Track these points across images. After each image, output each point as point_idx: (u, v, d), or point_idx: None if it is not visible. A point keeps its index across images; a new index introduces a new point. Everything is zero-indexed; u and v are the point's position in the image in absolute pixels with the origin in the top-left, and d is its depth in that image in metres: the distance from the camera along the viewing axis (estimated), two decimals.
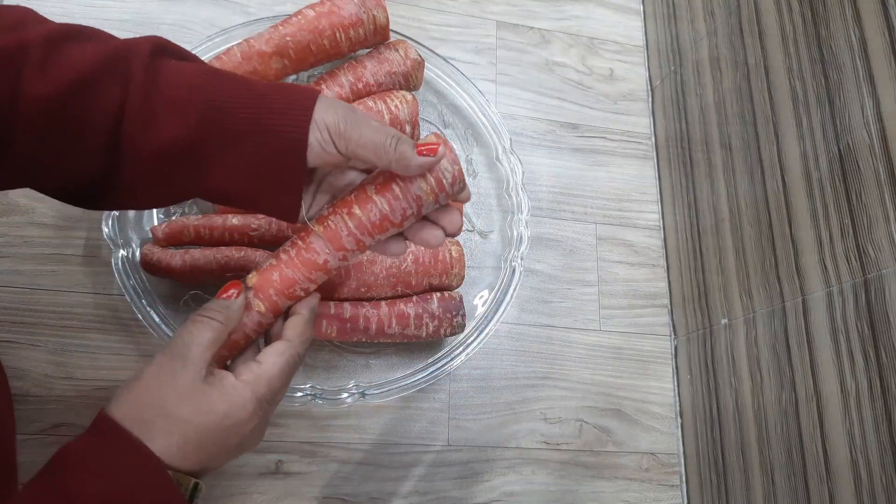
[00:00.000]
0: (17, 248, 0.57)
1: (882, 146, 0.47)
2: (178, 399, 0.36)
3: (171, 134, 0.37)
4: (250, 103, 0.38)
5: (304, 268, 0.43)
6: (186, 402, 0.37)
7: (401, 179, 0.42)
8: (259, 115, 0.38)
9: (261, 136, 0.38)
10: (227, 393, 0.38)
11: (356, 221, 0.42)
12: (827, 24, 0.53)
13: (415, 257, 0.59)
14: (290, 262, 0.43)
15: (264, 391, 0.39)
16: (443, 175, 0.42)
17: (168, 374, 0.37)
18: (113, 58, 0.37)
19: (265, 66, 0.59)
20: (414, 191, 0.42)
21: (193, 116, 0.37)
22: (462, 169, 0.43)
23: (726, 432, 0.61)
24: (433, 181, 0.42)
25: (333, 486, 0.58)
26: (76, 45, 0.37)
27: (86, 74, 0.36)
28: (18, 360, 0.55)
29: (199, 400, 0.37)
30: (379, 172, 0.43)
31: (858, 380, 0.47)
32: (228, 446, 0.38)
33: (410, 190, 0.42)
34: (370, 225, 0.42)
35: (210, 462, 0.38)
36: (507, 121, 0.73)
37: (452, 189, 0.43)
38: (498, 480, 0.62)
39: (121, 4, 0.66)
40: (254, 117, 0.38)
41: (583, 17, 0.81)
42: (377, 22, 0.62)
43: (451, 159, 0.42)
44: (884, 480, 0.45)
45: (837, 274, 0.50)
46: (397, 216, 0.42)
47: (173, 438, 0.36)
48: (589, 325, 0.69)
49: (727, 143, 0.65)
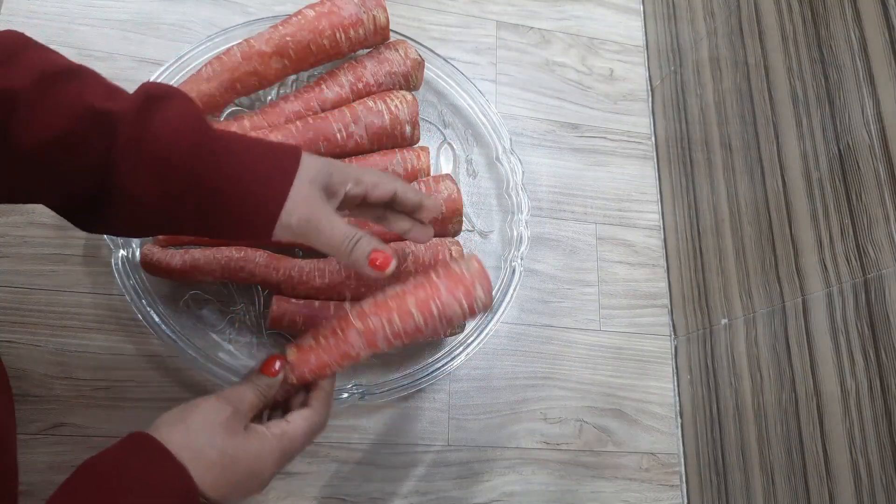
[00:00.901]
0: (16, 248, 0.57)
1: (882, 146, 0.47)
2: (223, 438, 0.41)
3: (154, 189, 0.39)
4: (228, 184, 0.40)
5: (339, 356, 0.48)
6: (231, 441, 0.41)
7: (439, 299, 0.48)
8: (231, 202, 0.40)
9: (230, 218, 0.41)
10: (260, 441, 0.43)
11: (393, 329, 0.48)
12: (827, 24, 0.53)
13: (415, 257, 0.59)
14: (327, 348, 0.48)
15: (287, 445, 0.44)
16: (476, 303, 0.49)
17: (221, 416, 0.42)
18: (100, 110, 0.38)
19: (265, 66, 0.59)
20: (449, 313, 0.48)
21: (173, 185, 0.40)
22: (492, 295, 0.51)
23: (726, 432, 0.61)
24: (466, 307, 0.49)
25: (333, 486, 0.58)
26: (64, 92, 0.37)
27: (73, 127, 0.37)
28: (18, 360, 0.55)
29: (241, 443, 0.42)
30: (420, 284, 0.49)
31: (858, 380, 0.47)
32: (247, 486, 0.42)
33: (446, 312, 0.48)
34: (404, 333, 0.48)
35: (230, 497, 0.41)
36: (507, 121, 0.73)
37: (481, 313, 0.51)
38: (498, 480, 0.62)
39: (121, 4, 0.66)
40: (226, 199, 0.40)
41: (583, 17, 0.81)
42: (377, 22, 0.62)
43: (486, 289, 0.49)
44: (884, 480, 0.45)
45: (837, 274, 0.50)
46: (428, 330, 0.49)
47: (215, 470, 0.40)
48: (589, 325, 0.69)
49: (727, 143, 0.65)
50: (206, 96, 0.58)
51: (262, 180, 0.41)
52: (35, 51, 0.38)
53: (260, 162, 0.41)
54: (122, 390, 0.56)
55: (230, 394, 0.44)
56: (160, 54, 0.65)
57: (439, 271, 0.51)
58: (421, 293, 0.49)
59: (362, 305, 0.49)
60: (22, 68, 0.36)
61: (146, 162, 0.38)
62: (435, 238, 0.62)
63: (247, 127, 0.59)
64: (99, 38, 0.65)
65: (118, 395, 0.56)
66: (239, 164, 0.40)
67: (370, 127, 0.61)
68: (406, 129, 0.62)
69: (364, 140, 0.61)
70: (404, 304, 0.48)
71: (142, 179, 0.39)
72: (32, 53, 0.38)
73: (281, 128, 0.59)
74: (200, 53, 0.61)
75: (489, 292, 0.50)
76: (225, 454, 0.40)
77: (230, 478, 0.41)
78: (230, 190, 0.40)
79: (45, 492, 0.52)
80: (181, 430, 0.40)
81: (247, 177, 0.40)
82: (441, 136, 0.70)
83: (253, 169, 0.40)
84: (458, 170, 0.69)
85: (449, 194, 0.61)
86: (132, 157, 0.38)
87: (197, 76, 0.59)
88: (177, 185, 0.39)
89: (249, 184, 0.40)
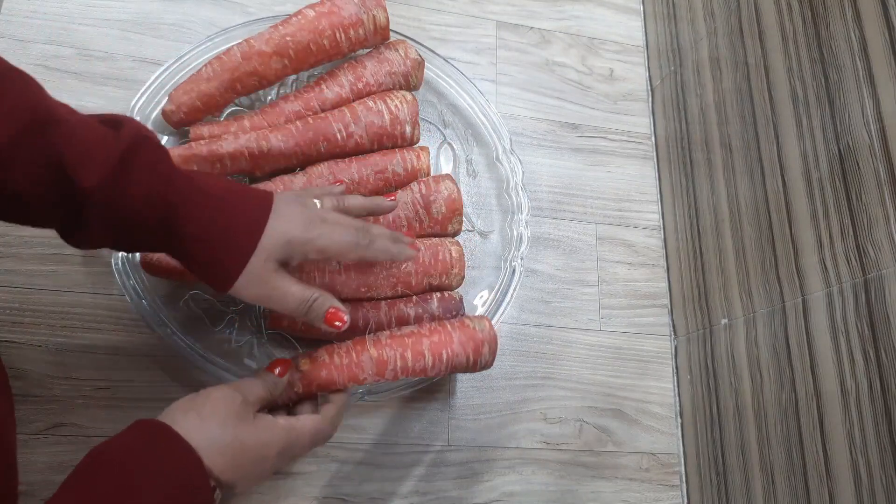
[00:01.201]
0: (16, 248, 0.57)
1: (882, 146, 0.47)
2: (234, 423, 0.42)
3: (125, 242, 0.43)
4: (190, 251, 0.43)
5: (348, 377, 0.51)
6: (242, 428, 0.43)
7: (451, 348, 0.53)
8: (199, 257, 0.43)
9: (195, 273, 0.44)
10: (269, 429, 0.44)
11: (404, 364, 0.52)
12: (827, 24, 0.53)
13: (415, 257, 0.59)
14: (339, 367, 0.51)
15: (294, 439, 0.46)
16: (481, 360, 0.55)
17: (233, 404, 0.43)
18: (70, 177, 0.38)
19: (265, 66, 0.59)
20: (455, 363, 0.54)
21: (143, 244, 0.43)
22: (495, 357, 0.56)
23: (726, 432, 0.61)
24: (472, 362, 0.54)
25: (333, 486, 0.58)
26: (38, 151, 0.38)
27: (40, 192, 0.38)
28: (18, 360, 0.55)
29: (251, 429, 0.43)
30: (436, 330, 0.54)
31: (858, 380, 0.47)
32: (254, 472, 0.44)
33: (453, 361, 0.54)
34: (411, 370, 0.53)
35: (239, 482, 0.43)
36: (507, 121, 0.73)
37: (482, 370, 0.57)
38: (498, 480, 0.62)
39: (121, 4, 0.66)
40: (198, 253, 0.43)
41: (583, 17, 0.81)
42: (377, 22, 0.62)
43: (492, 350, 0.55)
44: (884, 480, 0.45)
45: (837, 274, 0.50)
46: (433, 373, 0.54)
47: (226, 455, 0.41)
48: (589, 325, 0.69)
49: (727, 143, 0.65)
50: (206, 96, 0.58)
51: (217, 262, 0.43)
52: (12, 88, 0.38)
53: (220, 237, 0.42)
54: (122, 390, 0.56)
55: (240, 384, 0.45)
56: (160, 54, 0.65)
57: (454, 324, 0.56)
58: (436, 338, 0.53)
59: (380, 336, 0.53)
60: (7, 115, 0.37)
61: (115, 227, 0.41)
62: (435, 238, 0.62)
63: (247, 127, 0.59)
64: (99, 38, 0.65)
65: (118, 395, 0.56)
66: (200, 238, 0.42)
67: (370, 127, 0.61)
68: (406, 129, 0.62)
69: (364, 140, 0.61)
70: (419, 344, 0.53)
71: (111, 237, 0.42)
72: (10, 94, 0.38)
73: (281, 128, 0.59)
74: (200, 53, 0.61)
75: (494, 354, 0.55)
76: (236, 439, 0.42)
77: (240, 462, 0.42)
78: (192, 257, 0.43)
79: (45, 492, 0.52)
80: (193, 417, 0.41)
81: (204, 255, 0.43)
82: (441, 136, 0.70)
83: (211, 244, 0.42)
84: (458, 170, 0.69)
85: (449, 194, 0.61)
86: (101, 224, 0.40)
87: (197, 76, 0.59)
88: (146, 244, 0.43)
89: (208, 261, 0.43)
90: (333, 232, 0.46)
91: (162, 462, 0.39)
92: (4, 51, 0.62)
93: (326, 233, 0.46)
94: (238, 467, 0.42)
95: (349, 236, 0.47)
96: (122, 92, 0.63)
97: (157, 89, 0.60)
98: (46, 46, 0.63)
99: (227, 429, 0.42)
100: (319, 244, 0.45)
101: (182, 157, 0.56)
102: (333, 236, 0.46)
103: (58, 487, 0.37)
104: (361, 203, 0.52)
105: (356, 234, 0.47)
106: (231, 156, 0.57)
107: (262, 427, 0.44)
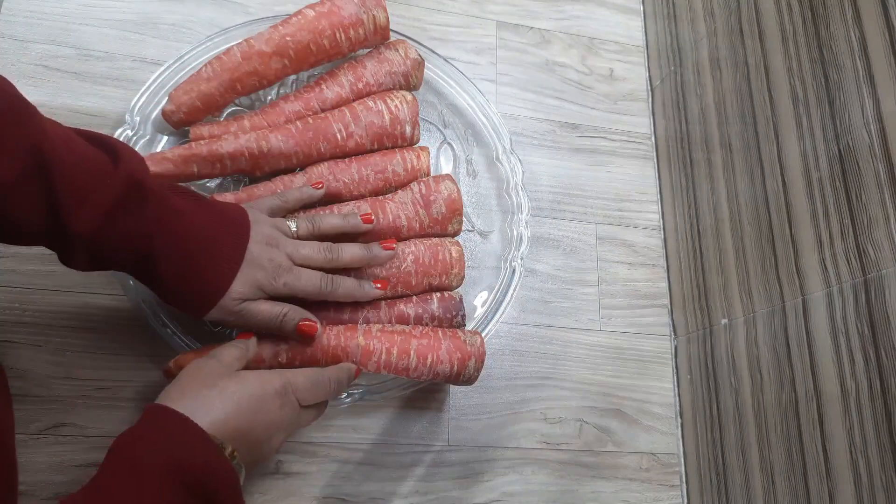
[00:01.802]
0: (17, 248, 0.57)
1: (882, 146, 0.47)
2: (214, 381, 0.44)
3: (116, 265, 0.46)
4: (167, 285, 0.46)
5: (332, 358, 0.53)
6: (222, 381, 0.44)
7: (437, 354, 0.54)
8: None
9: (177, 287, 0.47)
10: (257, 375, 0.45)
11: (388, 359, 0.53)
12: (827, 24, 0.53)
13: (415, 257, 0.59)
14: (326, 347, 0.52)
15: (290, 377, 0.47)
16: (465, 372, 0.56)
17: (204, 369, 0.45)
18: (63, 222, 0.41)
19: (265, 66, 0.59)
20: (438, 370, 0.55)
21: (131, 268, 0.46)
22: (479, 374, 0.57)
23: (726, 432, 0.61)
24: (455, 372, 0.55)
25: (333, 486, 0.58)
26: (36, 192, 0.40)
27: (33, 231, 0.41)
28: (18, 360, 0.55)
29: (233, 379, 0.44)
30: (426, 334, 0.55)
31: (858, 380, 0.47)
32: (259, 423, 0.44)
33: (436, 368, 0.54)
34: (393, 367, 0.54)
35: (246, 435, 0.43)
36: (507, 121, 0.73)
37: (463, 385, 0.59)
38: (498, 480, 0.62)
39: (121, 4, 0.66)
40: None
41: (583, 17, 0.81)
42: (377, 22, 0.62)
43: (477, 366, 0.56)
44: (884, 480, 0.45)
45: (837, 274, 0.50)
46: (414, 375, 0.55)
47: (214, 411, 0.42)
48: (589, 326, 0.69)
49: (727, 143, 0.65)
50: (206, 96, 0.58)
51: (188, 303, 0.47)
52: (14, 125, 0.40)
53: (193, 281, 0.46)
54: (122, 390, 0.56)
55: (212, 351, 0.48)
56: (160, 54, 0.65)
57: (447, 332, 0.56)
58: (424, 341, 0.54)
59: (371, 327, 0.54)
60: (10, 154, 0.39)
61: (99, 263, 0.44)
62: (435, 238, 0.62)
63: (247, 127, 0.59)
64: (99, 38, 0.65)
65: (118, 395, 0.56)
66: (173, 283, 0.46)
67: (370, 127, 0.61)
68: (406, 129, 0.62)
69: (364, 140, 0.61)
70: (407, 343, 0.54)
71: (96, 268, 0.45)
72: (19, 132, 0.39)
73: (281, 128, 0.59)
74: (200, 53, 0.61)
75: (479, 370, 0.56)
76: (219, 393, 0.43)
77: (234, 412, 0.43)
78: (165, 296, 0.47)
79: (45, 492, 0.52)
80: (174, 388, 0.44)
81: (176, 298, 0.47)
82: (441, 136, 0.70)
83: (185, 286, 0.46)
84: (458, 170, 0.69)
85: (449, 194, 0.61)
86: (87, 257, 0.43)
87: (197, 76, 0.59)
88: (131, 270, 0.46)
89: (180, 301, 0.47)
90: (299, 281, 0.50)
91: (154, 433, 0.41)
92: (4, 51, 0.62)
93: (291, 282, 0.50)
94: (239, 417, 0.43)
95: (312, 286, 0.51)
96: (122, 92, 0.63)
97: (157, 89, 0.60)
98: (46, 46, 0.63)
99: (207, 385, 0.43)
100: (284, 292, 0.50)
101: (182, 157, 0.56)
102: (298, 285, 0.50)
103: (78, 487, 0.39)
104: (334, 224, 0.55)
105: (319, 283, 0.52)
106: (231, 156, 0.57)
107: (247, 375, 0.45)
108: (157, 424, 0.41)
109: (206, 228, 0.47)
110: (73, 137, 0.43)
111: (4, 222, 0.40)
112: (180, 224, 0.45)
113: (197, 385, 0.43)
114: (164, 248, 0.44)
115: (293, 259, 0.51)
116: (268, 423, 0.44)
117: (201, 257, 0.46)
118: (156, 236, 0.44)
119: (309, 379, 0.48)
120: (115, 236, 0.43)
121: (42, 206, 0.40)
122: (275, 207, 0.55)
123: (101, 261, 0.44)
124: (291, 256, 0.51)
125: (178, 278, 0.45)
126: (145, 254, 0.44)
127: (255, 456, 0.45)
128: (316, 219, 0.55)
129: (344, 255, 0.53)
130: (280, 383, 0.46)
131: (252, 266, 0.48)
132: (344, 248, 0.54)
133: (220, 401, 0.43)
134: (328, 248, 0.53)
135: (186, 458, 0.39)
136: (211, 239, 0.47)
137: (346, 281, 0.53)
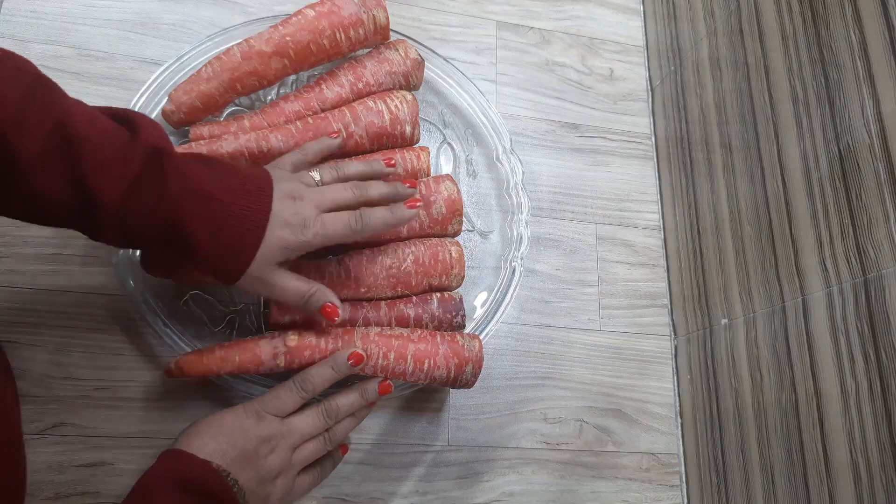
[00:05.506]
0: (17, 248, 0.57)
1: (882, 146, 0.47)
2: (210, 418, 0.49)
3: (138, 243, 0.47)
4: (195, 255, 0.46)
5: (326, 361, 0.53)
6: (214, 418, 0.49)
7: (434, 359, 0.54)
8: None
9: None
10: (236, 409, 0.50)
11: (384, 363, 0.53)
12: (827, 24, 0.53)
13: (415, 257, 0.59)
14: (323, 351, 0.53)
15: (252, 403, 0.50)
16: (461, 377, 0.56)
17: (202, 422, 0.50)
18: (88, 190, 0.41)
19: (265, 66, 0.59)
20: (435, 374, 0.55)
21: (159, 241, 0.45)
22: (477, 379, 0.57)
23: (726, 432, 0.61)
24: (452, 377, 0.55)
25: (333, 486, 0.58)
26: (61, 165, 0.41)
27: (60, 201, 0.41)
28: (19, 360, 0.55)
29: (231, 412, 0.50)
30: (424, 338, 0.55)
31: (858, 380, 0.47)
32: (239, 447, 0.47)
33: (433, 372, 0.54)
34: (390, 371, 0.54)
35: (224, 455, 0.47)
36: (507, 121, 0.73)
37: (460, 389, 0.59)
38: (498, 480, 0.62)
39: (121, 4, 0.66)
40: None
41: (583, 17, 0.81)
42: (377, 22, 0.62)
43: (475, 372, 0.56)
44: (884, 480, 0.45)
45: (837, 274, 0.50)
46: (410, 379, 0.55)
47: (208, 441, 0.47)
48: (589, 326, 0.69)
49: (727, 143, 0.65)
50: (206, 96, 0.58)
51: (218, 270, 0.47)
52: (45, 105, 0.41)
53: (223, 246, 0.46)
54: (122, 390, 0.56)
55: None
56: (160, 54, 0.65)
57: (445, 336, 0.56)
58: (422, 346, 0.54)
59: (369, 331, 0.54)
60: (34, 130, 0.40)
61: (127, 237, 0.44)
62: (434, 238, 0.62)
63: (247, 127, 0.59)
64: (99, 38, 0.65)
65: (118, 395, 0.56)
66: (203, 249, 0.45)
67: (370, 127, 0.61)
68: (406, 129, 0.62)
69: (364, 140, 0.61)
70: (404, 348, 0.54)
71: (124, 243, 0.45)
72: (43, 109, 0.40)
73: (281, 128, 0.59)
74: (200, 53, 0.61)
75: (476, 375, 0.56)
76: (214, 419, 0.48)
77: (217, 439, 0.47)
78: (196, 264, 0.48)
79: (45, 492, 0.52)
80: (194, 436, 0.48)
81: (206, 265, 0.46)
82: (441, 136, 0.70)
83: (215, 254, 0.46)
84: (458, 170, 0.69)
85: (449, 194, 0.61)
86: (113, 233, 0.44)
87: (197, 76, 0.59)
88: (157, 249, 0.47)
89: (211, 268, 0.47)
90: (326, 228, 0.49)
91: (166, 466, 0.45)
92: None
93: (320, 231, 0.49)
94: (219, 436, 0.47)
95: (342, 226, 0.50)
96: (122, 92, 0.63)
97: (157, 89, 0.60)
98: (46, 46, 0.63)
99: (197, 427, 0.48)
100: (316, 243, 0.49)
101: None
102: (327, 232, 0.49)
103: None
104: (359, 169, 0.55)
105: (349, 222, 0.50)
106: (231, 156, 0.57)
107: (240, 409, 0.49)
108: (162, 458, 0.46)
109: (230, 192, 0.46)
110: (96, 114, 0.43)
111: (32, 200, 0.41)
112: (204, 188, 0.45)
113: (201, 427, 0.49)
114: (193, 211, 0.44)
115: (321, 206, 0.50)
116: (247, 451, 0.48)
117: (228, 219, 0.46)
118: (183, 202, 0.44)
119: (277, 390, 0.51)
120: (142, 205, 0.43)
121: (68, 181, 0.41)
122: (297, 162, 0.55)
123: (132, 235, 0.44)
124: (318, 205, 0.50)
125: (211, 239, 0.45)
126: (174, 219, 0.44)
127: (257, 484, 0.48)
128: (340, 166, 0.54)
129: (371, 190, 0.53)
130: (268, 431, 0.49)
131: (277, 226, 0.47)
132: (371, 184, 0.53)
133: (213, 438, 0.47)
134: (354, 185, 0.52)
135: (185, 470, 0.44)
136: (234, 199, 0.46)
137: (376, 211, 0.52)
